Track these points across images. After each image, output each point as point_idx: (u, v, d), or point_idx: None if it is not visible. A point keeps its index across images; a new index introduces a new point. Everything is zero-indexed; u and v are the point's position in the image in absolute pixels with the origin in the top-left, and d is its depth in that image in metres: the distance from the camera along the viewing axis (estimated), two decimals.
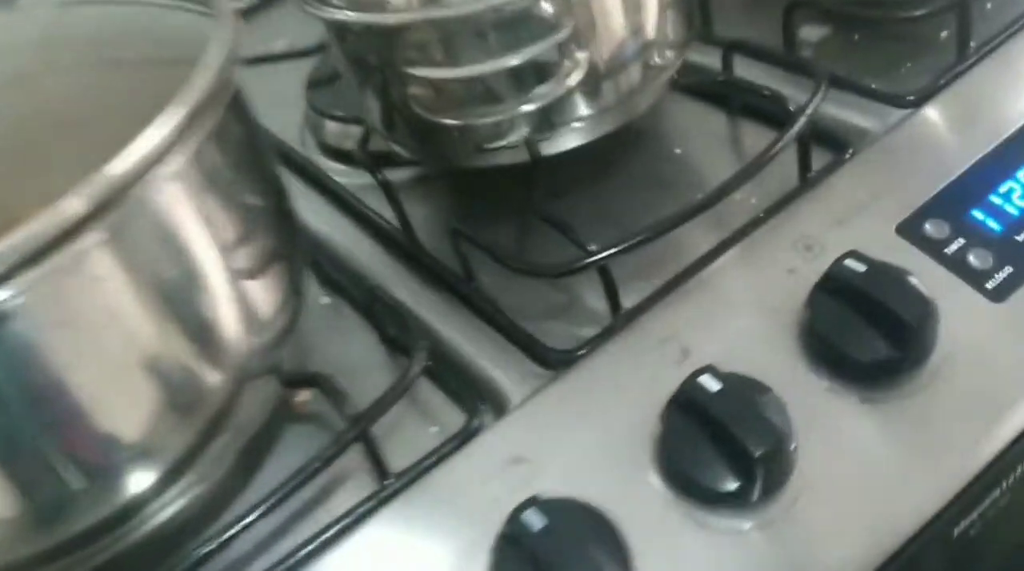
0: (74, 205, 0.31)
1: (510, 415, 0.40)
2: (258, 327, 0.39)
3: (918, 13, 0.51)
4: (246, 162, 0.39)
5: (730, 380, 0.36)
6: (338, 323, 0.50)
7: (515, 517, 0.34)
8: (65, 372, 0.34)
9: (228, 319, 0.37)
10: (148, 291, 0.35)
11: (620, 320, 0.43)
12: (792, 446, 0.36)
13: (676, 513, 0.36)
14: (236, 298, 0.38)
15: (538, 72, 0.43)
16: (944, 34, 0.55)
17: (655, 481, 0.37)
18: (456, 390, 0.44)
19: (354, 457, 0.40)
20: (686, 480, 0.36)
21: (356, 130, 0.56)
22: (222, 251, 0.37)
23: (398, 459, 0.40)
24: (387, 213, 0.52)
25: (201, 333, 0.37)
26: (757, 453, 0.34)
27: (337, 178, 0.58)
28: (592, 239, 0.44)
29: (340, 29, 0.45)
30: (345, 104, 0.60)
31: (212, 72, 0.34)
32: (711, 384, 0.35)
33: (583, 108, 0.46)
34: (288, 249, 0.42)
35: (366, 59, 0.45)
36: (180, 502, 0.40)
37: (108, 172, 0.32)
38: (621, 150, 0.53)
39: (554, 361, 0.42)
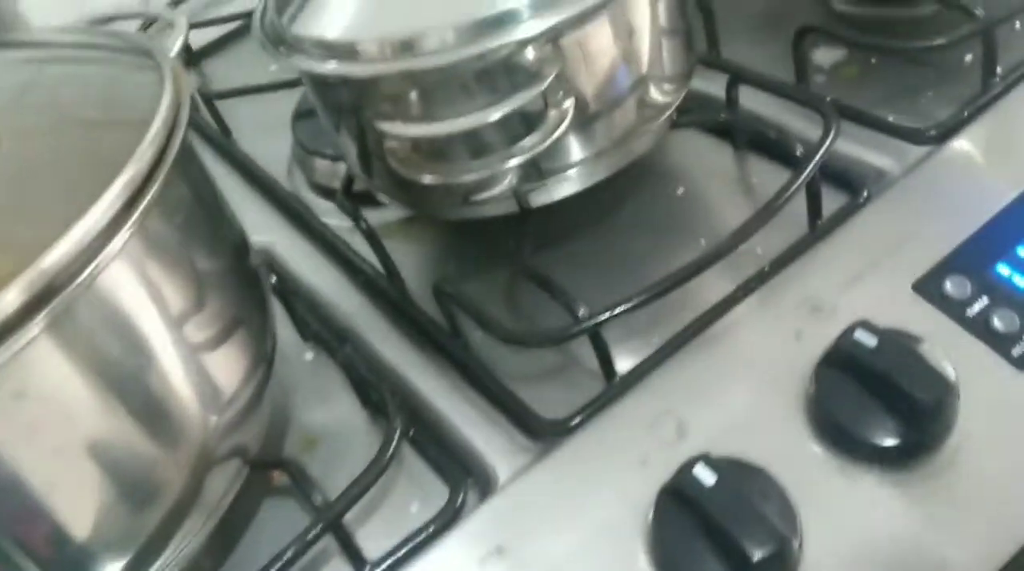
0: (10, 298, 0.29)
1: (494, 498, 0.38)
2: (219, 405, 0.36)
3: (938, 42, 0.47)
4: (197, 223, 0.36)
5: (727, 471, 0.33)
6: (321, 381, 0.47)
7: None
8: (12, 465, 0.32)
9: (185, 399, 0.35)
10: (95, 376, 0.32)
11: (614, 388, 0.40)
12: (796, 544, 0.32)
13: None
14: (193, 375, 0.35)
15: (524, 121, 0.40)
16: (968, 58, 0.51)
17: None
18: (439, 461, 0.41)
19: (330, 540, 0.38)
20: None
21: (344, 167, 0.53)
22: (174, 325, 0.34)
23: (375, 541, 0.38)
24: (375, 258, 0.50)
25: (155, 417, 0.34)
26: (755, 557, 0.31)
27: (324, 218, 0.55)
28: (587, 294, 0.41)
29: (312, 76, 0.42)
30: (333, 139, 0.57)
31: (150, 146, 0.31)
32: (706, 477, 0.32)
33: (576, 154, 0.43)
34: (252, 312, 0.40)
35: (340, 108, 0.42)
36: None
37: (44, 262, 0.29)
38: (619, 190, 0.49)
39: (544, 433, 0.40)
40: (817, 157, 0.42)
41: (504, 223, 0.45)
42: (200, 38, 0.78)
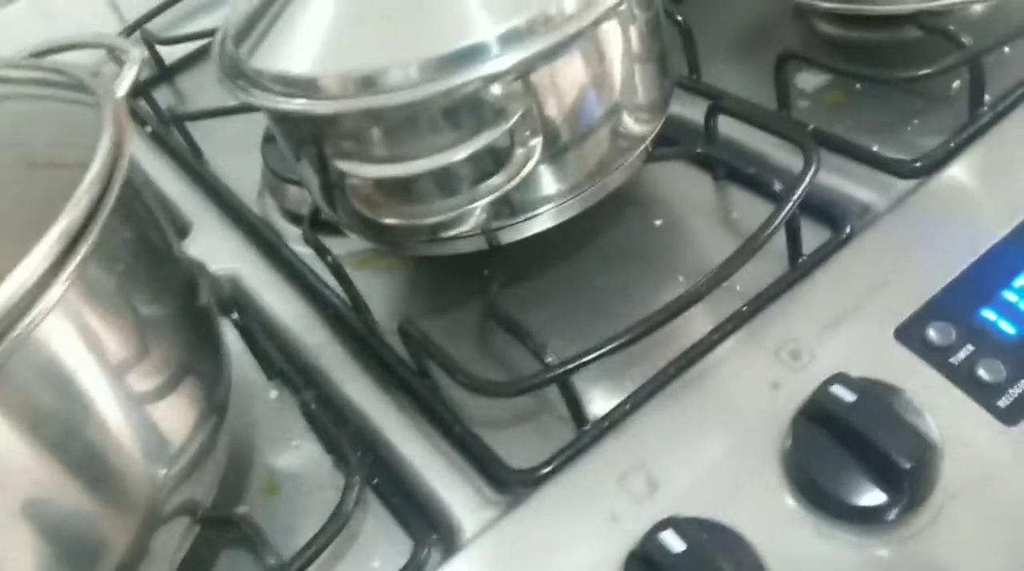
0: None
1: (459, 555, 0.36)
2: (166, 458, 0.34)
3: (924, 72, 0.45)
4: (140, 268, 0.35)
5: (697, 535, 0.31)
6: (286, 419, 0.46)
7: None
8: None
9: (128, 454, 0.33)
10: (30, 432, 0.31)
11: (584, 437, 0.38)
12: None
13: None
14: (137, 428, 0.34)
15: (492, 158, 0.38)
16: (956, 84, 0.49)
17: None
18: (403, 512, 0.39)
19: None
20: None
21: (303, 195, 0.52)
22: (115, 376, 0.33)
23: None
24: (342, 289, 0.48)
25: (97, 474, 0.32)
26: None
27: (293, 245, 0.54)
28: (559, 332, 0.40)
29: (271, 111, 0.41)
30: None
31: (86, 193, 0.29)
32: (674, 543, 0.31)
33: (547, 189, 0.41)
34: (203, 357, 0.38)
35: (301, 143, 0.40)
36: None
37: None
38: (594, 221, 0.48)
39: (511, 483, 0.38)
40: (797, 194, 0.40)
41: (474, 255, 0.44)
42: (175, 51, 0.77)
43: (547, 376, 0.37)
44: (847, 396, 0.33)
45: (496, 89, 0.36)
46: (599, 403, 0.40)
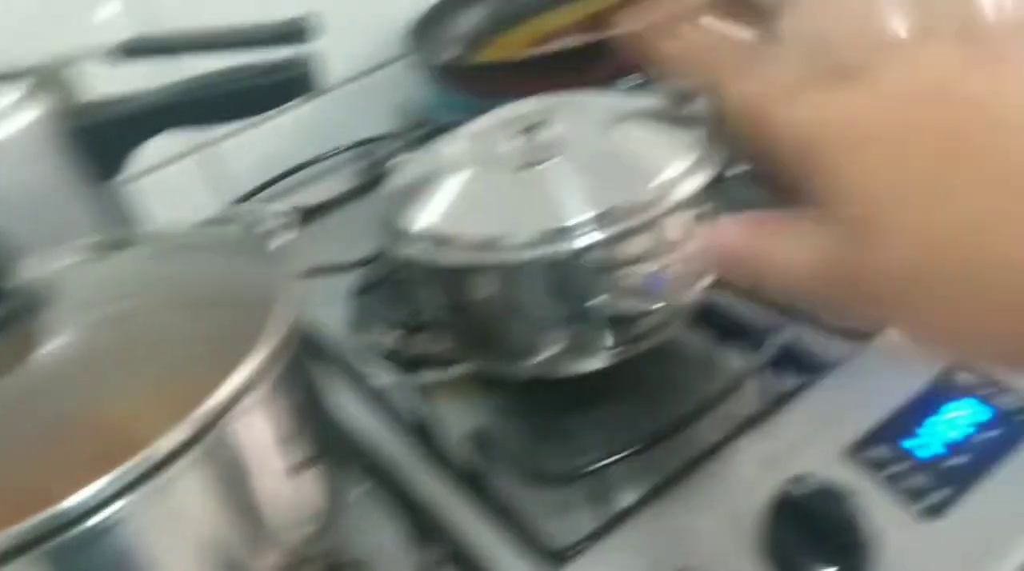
0: (178, 435, 0.40)
1: None
2: (306, 520, 0.47)
3: None
4: (302, 393, 0.48)
5: None
6: (373, 511, 0.58)
7: None
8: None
9: (283, 514, 0.46)
10: (222, 499, 0.43)
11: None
12: None
13: None
14: (290, 498, 0.46)
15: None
16: None
17: None
18: None
19: None
20: None
21: (393, 335, 0.66)
22: (283, 463, 0.46)
23: None
24: (416, 409, 0.61)
25: (261, 528, 0.45)
26: None
27: (374, 378, 0.67)
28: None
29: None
30: (387, 310, 0.70)
31: (284, 327, 0.44)
32: None
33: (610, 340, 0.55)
34: (329, 452, 0.51)
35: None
36: None
37: (205, 407, 0.41)
38: None
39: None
40: (776, 342, 0.54)
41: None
42: None
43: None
44: (805, 490, 0.46)
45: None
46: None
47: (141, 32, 0.68)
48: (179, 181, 0.90)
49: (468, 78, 0.85)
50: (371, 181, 0.90)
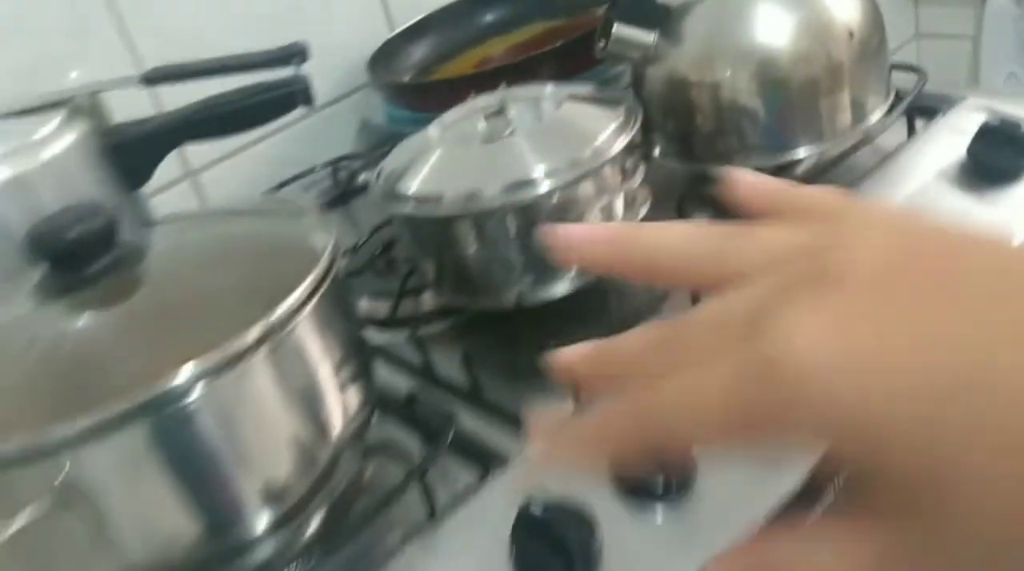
0: (253, 333, 0.53)
1: None
2: (350, 418, 0.60)
3: None
4: (343, 314, 0.62)
5: None
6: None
7: None
8: (231, 443, 0.55)
9: (335, 410, 0.59)
10: (288, 390, 0.56)
11: None
12: None
13: None
14: (339, 397, 0.59)
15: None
16: None
17: None
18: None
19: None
20: None
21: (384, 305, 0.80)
22: (332, 366, 0.59)
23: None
24: (414, 359, 0.75)
25: (319, 418, 0.57)
26: None
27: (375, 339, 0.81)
28: None
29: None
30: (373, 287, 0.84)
31: (328, 256, 0.57)
32: None
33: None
34: (366, 370, 0.64)
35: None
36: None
37: (272, 315, 0.54)
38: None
39: None
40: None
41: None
42: None
43: None
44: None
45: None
46: None
47: (156, 63, 0.81)
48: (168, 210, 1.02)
49: (421, 95, 1.01)
50: (344, 193, 1.04)
